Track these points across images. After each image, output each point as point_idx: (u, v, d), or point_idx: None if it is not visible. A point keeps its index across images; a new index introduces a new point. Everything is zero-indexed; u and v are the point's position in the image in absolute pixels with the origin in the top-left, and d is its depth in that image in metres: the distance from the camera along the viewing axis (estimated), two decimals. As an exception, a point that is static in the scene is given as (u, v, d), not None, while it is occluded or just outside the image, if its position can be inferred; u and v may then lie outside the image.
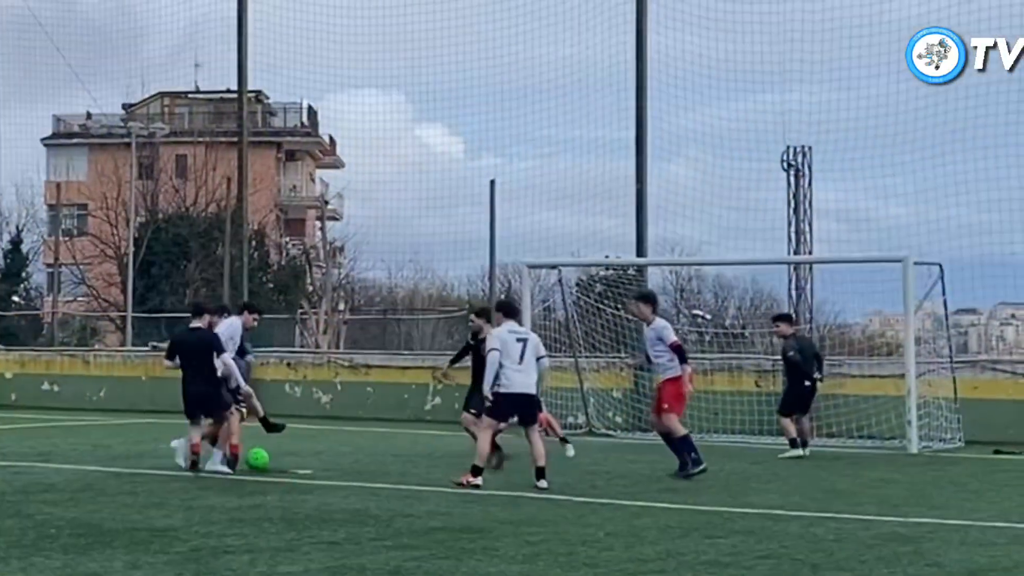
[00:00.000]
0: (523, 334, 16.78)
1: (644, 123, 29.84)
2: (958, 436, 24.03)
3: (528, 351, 16.41)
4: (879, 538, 12.40)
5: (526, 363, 16.37)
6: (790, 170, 27.27)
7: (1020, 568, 10.87)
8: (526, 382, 16.36)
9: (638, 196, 29.75)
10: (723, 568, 10.67)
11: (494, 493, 15.62)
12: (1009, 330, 63.35)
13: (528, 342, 16.51)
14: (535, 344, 16.60)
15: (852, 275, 27.78)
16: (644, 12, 29.80)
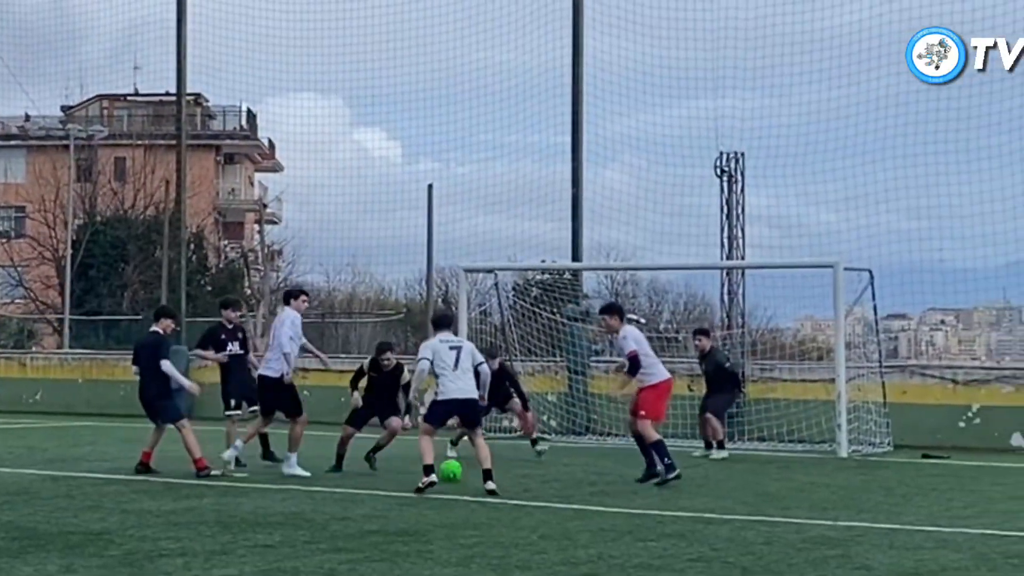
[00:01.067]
0: (456, 342, 16.84)
1: (580, 128, 30.02)
2: (887, 440, 24.28)
3: (463, 358, 16.48)
4: (808, 541, 12.54)
5: (461, 369, 16.41)
6: (723, 176, 27.47)
7: (947, 572, 11.01)
8: (462, 388, 16.39)
9: (574, 201, 29.93)
10: (654, 571, 10.78)
11: (429, 496, 15.70)
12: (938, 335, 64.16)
13: (462, 349, 16.61)
14: (470, 351, 16.68)
15: (783, 280, 28.09)
16: (580, 18, 29.99)
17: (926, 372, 26.52)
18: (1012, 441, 24.98)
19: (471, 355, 16.65)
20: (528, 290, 34.43)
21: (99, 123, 62.73)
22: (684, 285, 49.42)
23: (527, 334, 28.49)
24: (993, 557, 11.76)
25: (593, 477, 18.78)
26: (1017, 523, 14.17)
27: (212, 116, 73.32)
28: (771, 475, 19.67)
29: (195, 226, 55.74)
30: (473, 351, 16.79)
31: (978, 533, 13.33)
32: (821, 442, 24.31)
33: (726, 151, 27.67)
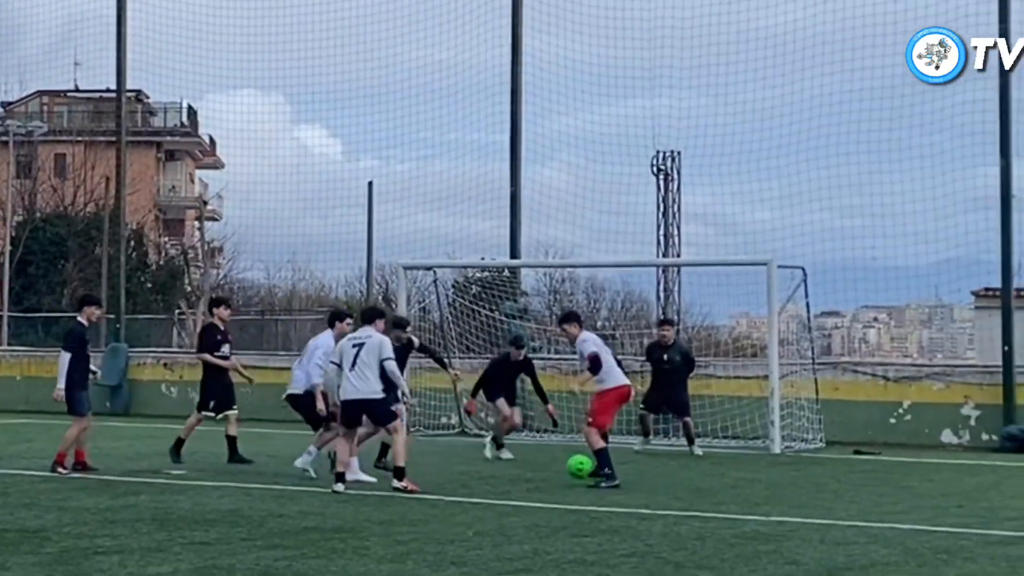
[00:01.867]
0: (361, 339, 16.31)
1: (518, 127, 30.14)
2: (819, 437, 24.51)
3: (363, 355, 16.06)
4: (741, 537, 12.68)
5: (359, 368, 16.03)
6: (659, 174, 27.74)
7: (877, 567, 11.15)
8: (357, 387, 16.06)
9: (512, 199, 30.05)
10: (588, 567, 10.89)
11: (366, 494, 15.76)
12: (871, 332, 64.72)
13: (364, 346, 16.14)
14: (374, 347, 16.13)
15: (719, 278, 28.33)
16: (519, 17, 30.10)
17: (858, 369, 26.82)
18: (942, 438, 25.28)
19: (376, 351, 16.12)
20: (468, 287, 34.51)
21: (39, 119, 62.23)
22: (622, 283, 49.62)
23: (466, 331, 28.60)
24: (923, 552, 11.92)
25: (529, 474, 18.91)
26: (946, 519, 14.36)
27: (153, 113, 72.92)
28: (705, 471, 19.84)
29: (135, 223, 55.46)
30: (380, 347, 16.15)
31: (908, 528, 13.49)
32: (755, 438, 24.53)
33: (663, 150, 27.97)
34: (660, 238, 27.63)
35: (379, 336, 16.33)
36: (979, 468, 20.93)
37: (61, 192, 59.61)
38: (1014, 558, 11.64)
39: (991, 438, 24.88)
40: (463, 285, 35.78)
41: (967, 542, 12.60)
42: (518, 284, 30.62)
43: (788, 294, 24.82)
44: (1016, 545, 12.48)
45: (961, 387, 25.52)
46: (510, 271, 30.47)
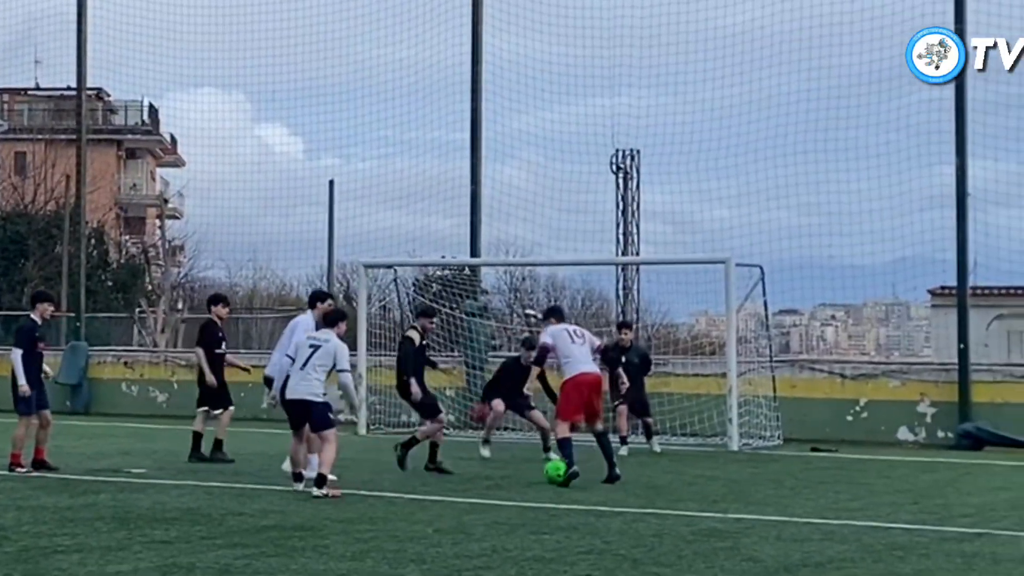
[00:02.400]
0: (319, 340, 16.12)
1: (478, 125, 30.22)
2: (777, 434, 24.67)
3: (316, 358, 15.86)
4: (698, 534, 12.77)
5: (308, 369, 15.83)
6: (619, 173, 27.80)
7: (833, 563, 11.23)
8: (300, 388, 15.88)
9: (472, 197, 30.12)
10: (547, 564, 10.94)
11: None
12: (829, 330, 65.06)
13: (320, 349, 15.92)
14: (330, 354, 15.90)
15: (677, 276, 28.46)
16: (479, 16, 30.18)
17: (815, 367, 27.00)
18: (898, 435, 25.49)
19: (329, 356, 15.90)
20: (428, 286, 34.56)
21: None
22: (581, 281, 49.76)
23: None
24: (878, 549, 12.01)
25: (489, 471, 18.97)
26: (901, 515, 14.49)
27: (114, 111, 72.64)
28: (663, 468, 19.93)
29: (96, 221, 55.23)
30: (335, 353, 15.93)
31: (864, 525, 13.60)
32: (713, 436, 24.67)
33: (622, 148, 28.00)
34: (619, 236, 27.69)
35: (337, 342, 16.05)
36: (935, 465, 21.11)
37: (21, 190, 59.32)
38: (969, 554, 11.75)
39: (947, 435, 25.10)
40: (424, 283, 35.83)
41: (922, 539, 12.73)
42: (479, 282, 30.70)
43: (746, 292, 24.96)
44: (971, 542, 12.58)
45: (917, 385, 25.72)
46: (470, 269, 30.55)
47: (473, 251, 30.02)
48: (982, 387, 25.18)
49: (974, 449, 24.10)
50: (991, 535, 13.02)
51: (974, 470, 20.43)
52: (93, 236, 52.58)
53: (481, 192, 30.14)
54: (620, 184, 27.73)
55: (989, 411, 24.97)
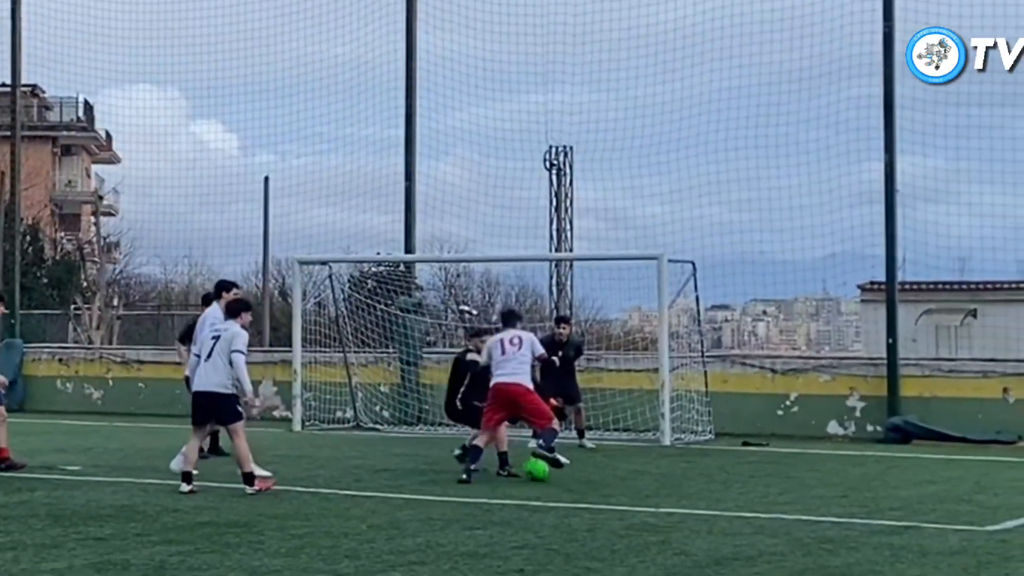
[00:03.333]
0: (219, 330, 15.92)
1: (413, 122, 30.25)
2: (709, 429, 24.83)
3: (218, 347, 15.66)
4: (631, 528, 12.87)
5: (212, 360, 15.62)
6: (552, 169, 27.95)
7: (763, 557, 11.35)
8: (206, 379, 15.69)
9: (407, 194, 30.16)
10: (480, 559, 11.04)
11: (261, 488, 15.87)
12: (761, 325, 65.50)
13: (220, 339, 15.73)
14: (228, 340, 15.68)
15: (611, 272, 28.64)
16: (413, 12, 30.20)
17: (746, 362, 27.20)
18: (828, 429, 25.70)
19: (228, 343, 15.66)
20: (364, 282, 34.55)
21: (-69, 114, 61.30)
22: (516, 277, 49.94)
23: (361, 326, 28.68)
24: (808, 542, 12.13)
25: (423, 467, 19.03)
26: (831, 509, 14.65)
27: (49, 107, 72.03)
28: (596, 463, 20.03)
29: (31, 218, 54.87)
30: (232, 339, 15.67)
31: (794, 519, 13.74)
32: (645, 431, 24.78)
33: (555, 145, 28.15)
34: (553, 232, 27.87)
35: (236, 329, 15.80)
36: (864, 459, 21.28)
37: (-45, 187, 58.82)
38: (897, 547, 11.88)
39: (876, 429, 25.33)
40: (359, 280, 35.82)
41: (851, 532, 12.85)
42: (413, 279, 30.75)
43: (678, 288, 25.13)
44: (899, 534, 12.71)
45: (847, 379, 25.96)
46: (405, 266, 30.61)
47: (408, 247, 30.08)
48: (910, 381, 25.44)
49: (902, 443, 24.33)
50: (919, 528, 13.16)
51: (902, 464, 20.60)
52: (28, 233, 52.22)
53: (416, 189, 30.18)
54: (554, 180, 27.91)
55: (917, 405, 25.23)
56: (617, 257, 28.01)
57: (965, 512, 14.55)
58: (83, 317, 47.17)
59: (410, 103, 30.26)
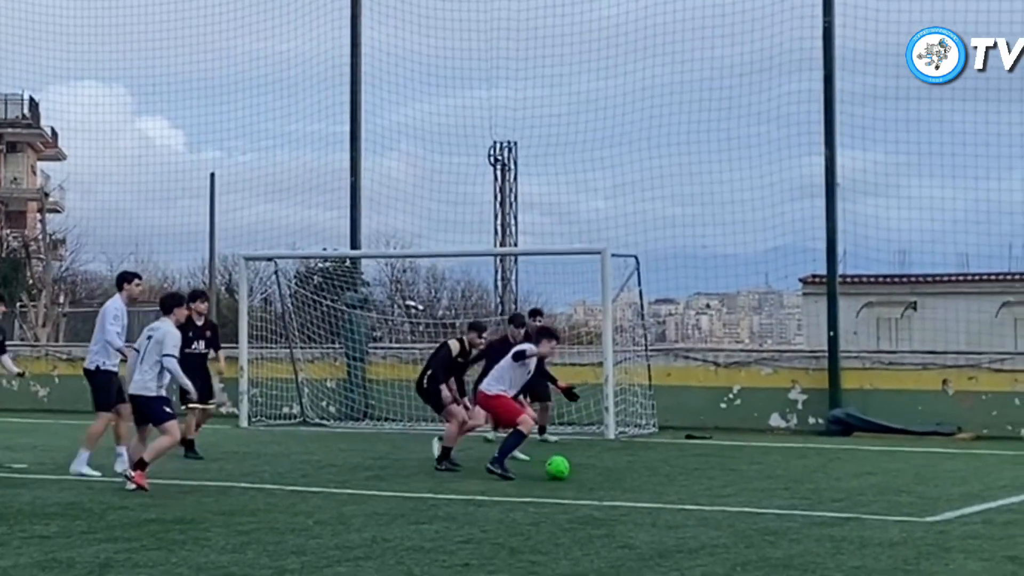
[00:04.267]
0: (151, 331, 15.78)
1: (358, 117, 30.28)
2: (652, 422, 24.98)
3: (150, 347, 15.56)
4: (575, 521, 12.96)
5: (144, 363, 15.55)
6: (496, 164, 28.02)
7: (706, 549, 11.45)
8: (135, 383, 15.59)
9: (352, 189, 30.19)
10: (426, 553, 11.09)
11: (207, 484, 15.82)
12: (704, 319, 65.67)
13: (152, 339, 15.61)
14: (158, 341, 15.53)
15: (555, 266, 28.81)
16: (358, 8, 30.24)
17: (689, 355, 27.37)
18: (770, 421, 25.91)
19: (159, 344, 15.50)
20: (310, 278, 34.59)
21: None
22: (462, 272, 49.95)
23: (308, 322, 28.71)
24: (750, 534, 12.26)
25: (369, 462, 19.09)
26: (773, 501, 14.77)
27: (-7, 104, 71.63)
28: (540, 457, 20.01)
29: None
30: (163, 340, 15.50)
31: (736, 511, 13.86)
32: (589, 424, 24.91)
33: (499, 140, 28.24)
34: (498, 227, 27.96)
35: (167, 329, 15.66)
36: (806, 451, 21.48)
37: (-101, 186, 58.44)
38: (839, 539, 12.00)
39: (818, 421, 25.55)
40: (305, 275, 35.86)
41: (793, 523, 12.97)
42: (359, 274, 30.80)
43: (622, 282, 25.29)
44: (840, 526, 12.84)
45: (788, 372, 26.17)
46: (351, 261, 30.64)
47: (353, 243, 30.11)
48: (851, 374, 25.67)
49: (844, 435, 24.55)
50: (860, 519, 13.30)
51: (844, 455, 20.79)
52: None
53: (361, 184, 30.21)
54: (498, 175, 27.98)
55: (858, 397, 25.47)
56: (561, 252, 28.15)
57: (905, 503, 14.71)
58: (29, 314, 46.94)
59: (355, 99, 30.29)
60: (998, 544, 11.79)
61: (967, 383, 25.08)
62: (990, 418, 24.74)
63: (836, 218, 26.05)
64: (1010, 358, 25.59)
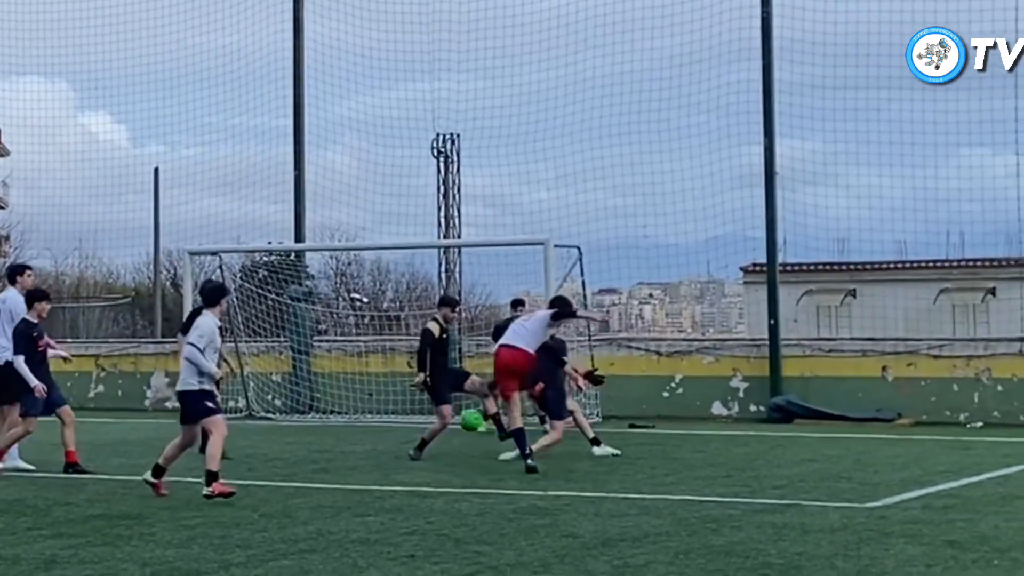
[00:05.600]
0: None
1: (301, 111, 30.32)
2: (596, 411, 25.09)
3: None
4: (519, 511, 13.04)
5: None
6: (440, 157, 28.06)
7: (649, 537, 11.53)
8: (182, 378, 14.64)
9: (296, 183, 30.22)
10: (371, 545, 11.14)
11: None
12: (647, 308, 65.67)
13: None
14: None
15: (499, 258, 28.90)
16: (301, 2, 30.27)
17: (632, 344, 27.53)
18: (712, 410, 26.12)
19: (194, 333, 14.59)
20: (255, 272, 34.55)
21: None
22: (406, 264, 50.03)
23: (253, 315, 28.70)
24: (692, 521, 12.36)
25: (315, 455, 19.12)
26: (715, 488, 14.91)
27: (-67, 101, 70.87)
28: (485, 449, 20.15)
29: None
30: (195, 328, 14.70)
31: (679, 499, 13.97)
32: (533, 415, 24.98)
33: (442, 132, 28.29)
34: (441, 219, 27.99)
35: (203, 320, 14.79)
36: (747, 439, 21.65)
37: None
38: (779, 525, 12.11)
39: (759, 409, 25.77)
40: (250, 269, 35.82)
41: (734, 511, 13.10)
42: (304, 267, 30.82)
43: (565, 272, 25.42)
44: (782, 513, 12.96)
45: (730, 360, 26.37)
46: (296, 254, 30.67)
47: (298, 236, 30.13)
48: (792, 361, 25.90)
49: (785, 422, 24.77)
50: (800, 506, 13.42)
51: (785, 443, 20.96)
52: (-85, 228, 51.53)
53: (305, 177, 30.27)
54: (441, 168, 28.01)
55: (799, 385, 25.70)
56: (504, 243, 28.30)
57: (846, 489, 14.87)
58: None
59: (298, 92, 30.33)
60: (937, 529, 11.92)
61: (906, 370, 25.36)
62: (929, 404, 25.02)
63: (776, 207, 26.28)
64: (948, 344, 25.87)
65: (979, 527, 12.04)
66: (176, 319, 36.85)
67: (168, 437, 20.15)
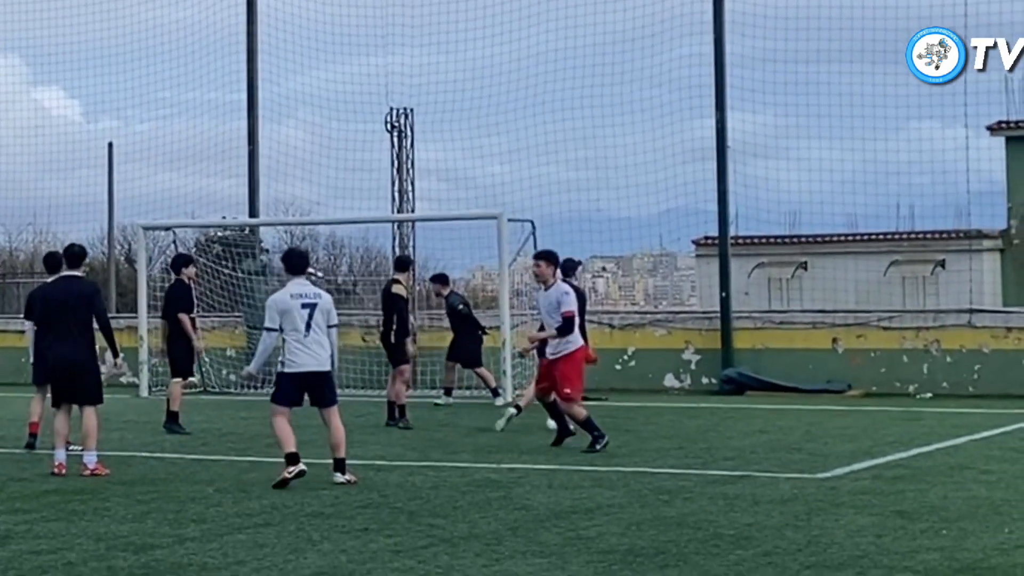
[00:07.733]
0: (311, 297, 13.65)
1: (255, 85, 30.25)
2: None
3: (317, 317, 13.53)
4: (473, 484, 13.19)
5: (313, 333, 13.51)
6: (393, 131, 28.06)
7: (602, 509, 11.71)
8: (315, 358, 13.59)
9: (250, 157, 30.18)
10: (326, 519, 11.27)
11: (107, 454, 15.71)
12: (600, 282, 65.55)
13: (317, 307, 13.57)
14: (326, 309, 13.66)
15: (452, 232, 28.96)
16: (254, -25, 30.20)
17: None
18: (665, 382, 26.25)
19: (327, 314, 13.69)
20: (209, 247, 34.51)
21: None
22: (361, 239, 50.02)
23: (208, 290, 28.65)
24: (645, 493, 12.53)
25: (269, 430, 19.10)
26: (667, 460, 15.12)
27: None
28: (439, 421, 20.30)
29: None
30: (330, 308, 13.75)
31: (631, 471, 14.14)
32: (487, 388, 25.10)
33: (396, 107, 28.29)
34: (395, 194, 28.00)
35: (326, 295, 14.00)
36: (699, 411, 21.82)
37: None
38: (731, 496, 12.32)
39: (711, 381, 25.92)
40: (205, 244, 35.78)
41: (687, 482, 13.27)
42: (258, 242, 30.80)
43: (519, 246, 25.49)
44: (733, 484, 13.16)
45: (682, 333, 26.52)
46: (250, 229, 30.63)
47: (252, 211, 30.10)
48: (743, 334, 26.05)
49: (736, 394, 24.94)
50: (751, 477, 13.61)
51: (736, 414, 21.18)
52: None
53: (259, 152, 30.23)
54: (395, 142, 28.00)
55: (750, 357, 25.86)
56: (457, 217, 28.40)
57: (796, 460, 15.06)
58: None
59: (252, 66, 30.27)
60: (887, 499, 12.11)
61: (856, 341, 25.57)
62: (879, 375, 25.24)
63: (727, 180, 26.42)
64: (898, 316, 26.08)
65: (928, 497, 12.22)
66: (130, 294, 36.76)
67: (123, 411, 20.30)
